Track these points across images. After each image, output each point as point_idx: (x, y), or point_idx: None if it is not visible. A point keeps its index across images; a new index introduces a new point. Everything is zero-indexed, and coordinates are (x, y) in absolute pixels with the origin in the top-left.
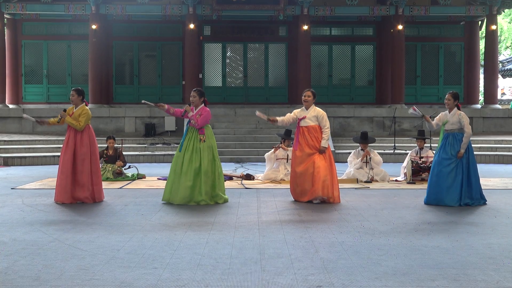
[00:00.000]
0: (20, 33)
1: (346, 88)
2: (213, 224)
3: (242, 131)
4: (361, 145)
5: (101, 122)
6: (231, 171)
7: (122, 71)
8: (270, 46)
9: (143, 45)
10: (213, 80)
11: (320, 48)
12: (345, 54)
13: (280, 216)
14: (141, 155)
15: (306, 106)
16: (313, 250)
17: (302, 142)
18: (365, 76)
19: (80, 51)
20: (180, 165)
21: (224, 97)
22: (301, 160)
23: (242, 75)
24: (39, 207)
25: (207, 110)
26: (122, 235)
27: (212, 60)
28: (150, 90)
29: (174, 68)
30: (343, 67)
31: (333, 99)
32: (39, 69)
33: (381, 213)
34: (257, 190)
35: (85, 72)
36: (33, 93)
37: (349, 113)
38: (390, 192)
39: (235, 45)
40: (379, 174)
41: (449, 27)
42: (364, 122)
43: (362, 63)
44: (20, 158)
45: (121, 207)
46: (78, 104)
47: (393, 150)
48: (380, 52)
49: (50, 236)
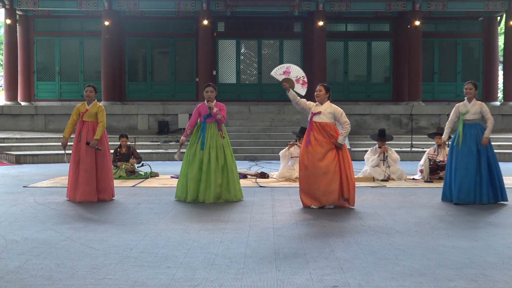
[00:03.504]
0: (32, 29)
1: (362, 85)
2: (227, 223)
3: (256, 128)
4: (379, 142)
5: (113, 119)
6: (245, 169)
7: (135, 68)
8: (285, 43)
9: (156, 41)
10: (227, 77)
11: (336, 44)
12: (361, 51)
13: (295, 215)
14: (154, 153)
15: (319, 101)
16: (328, 249)
17: (315, 138)
18: (382, 73)
19: (93, 48)
20: (207, 163)
21: (238, 94)
22: (313, 158)
23: (256, 72)
24: (51, 206)
25: (223, 104)
26: (135, 234)
27: (226, 57)
28: (164, 87)
29: (188, 65)
30: (359, 63)
31: (349, 96)
32: (51, 66)
33: (397, 212)
34: (272, 189)
35: (98, 69)
36: (45, 90)
37: (365, 111)
38: (407, 190)
39: (249, 42)
40: (396, 173)
41: (467, 23)
42: (381, 120)
43: (378, 59)
44: (32, 156)
45: (134, 206)
46: (92, 101)
47: (410, 148)
48: (397, 48)
49: (62, 235)
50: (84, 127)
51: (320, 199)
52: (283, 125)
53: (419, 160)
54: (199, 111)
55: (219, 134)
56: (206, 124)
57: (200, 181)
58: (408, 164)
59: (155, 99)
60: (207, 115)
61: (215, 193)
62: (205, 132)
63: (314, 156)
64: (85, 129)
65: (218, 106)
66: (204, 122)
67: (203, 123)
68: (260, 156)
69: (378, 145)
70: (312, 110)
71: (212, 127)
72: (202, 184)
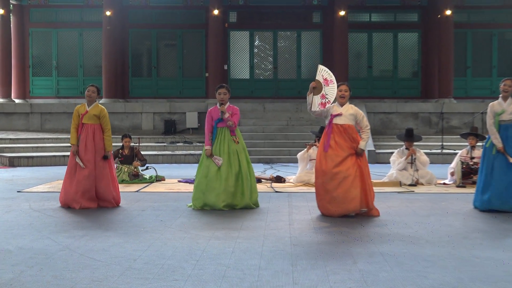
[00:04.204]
0: (27, 20)
1: (387, 80)
2: (240, 231)
3: (271, 128)
4: (406, 143)
5: (115, 118)
6: (260, 173)
7: (139, 62)
8: (303, 34)
9: (162, 33)
10: (239, 72)
11: (359, 36)
12: (386, 43)
13: (314, 223)
14: (160, 155)
15: (343, 102)
16: (351, 261)
17: (335, 142)
18: (409, 67)
19: (93, 40)
20: (218, 170)
21: (251, 91)
22: (332, 162)
23: (271, 66)
24: (47, 212)
25: (237, 108)
26: (139, 243)
27: (238, 50)
28: (170, 83)
29: (197, 59)
30: (385, 57)
31: (373, 93)
32: (48, 60)
33: (427, 220)
34: (289, 194)
35: (99, 63)
36: (42, 87)
37: (391, 109)
38: (437, 196)
39: (264, 33)
40: (425, 177)
41: (503, 12)
42: (408, 118)
43: (405, 52)
44: (27, 158)
45: (137, 213)
46: (93, 102)
47: (440, 150)
48: (426, 40)
49: (59, 244)
50: (84, 130)
51: (339, 208)
52: (301, 124)
53: (450, 163)
54: (211, 115)
55: (232, 139)
56: (217, 129)
57: (211, 188)
58: (438, 168)
59: (161, 96)
60: (218, 119)
61: (226, 202)
62: (215, 138)
63: (333, 160)
64: (84, 132)
65: (231, 110)
66: (215, 126)
67: (214, 128)
68: (276, 158)
69: (406, 146)
70: (331, 112)
71: (224, 132)
72: (214, 192)
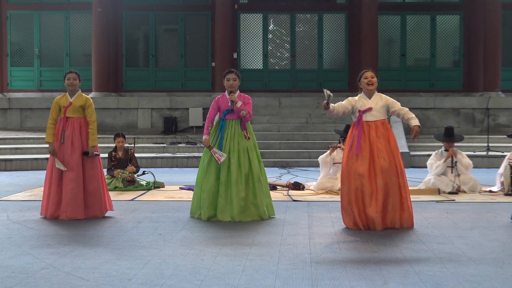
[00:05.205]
0: (4, 1)
1: (424, 71)
2: (252, 246)
3: (288, 126)
4: (445, 144)
5: (107, 115)
6: (275, 178)
7: (134, 50)
8: (325, 17)
9: (161, 16)
10: (251, 61)
11: (390, 19)
12: (423, 27)
13: (337, 236)
14: (158, 158)
15: (371, 91)
16: (381, 281)
17: (370, 142)
18: (449, 55)
19: (81, 25)
20: (226, 171)
21: (265, 83)
22: (363, 169)
23: (288, 55)
24: (28, 224)
25: (248, 97)
26: (134, 260)
27: (250, 36)
28: (170, 75)
29: (201, 46)
30: (420, 43)
31: (407, 86)
32: (29, 48)
33: (470, 234)
34: (308, 203)
35: (88, 51)
36: (22, 78)
37: (428, 104)
38: (483, 206)
39: (279, 16)
40: (468, 183)
41: None
42: (448, 115)
43: (445, 38)
44: (4, 161)
45: (133, 225)
46: (75, 92)
47: (486, 152)
48: (469, 23)
49: (42, 261)
50: (68, 125)
51: (372, 221)
52: (322, 122)
53: (497, 167)
54: (218, 104)
55: (243, 135)
56: (225, 121)
57: (217, 194)
58: (484, 172)
59: (159, 89)
60: (228, 110)
61: (237, 209)
62: (223, 132)
63: (365, 164)
64: (69, 127)
65: (242, 99)
66: (223, 119)
67: (222, 120)
68: (294, 161)
69: (445, 147)
70: (358, 107)
71: (234, 126)
72: (221, 198)
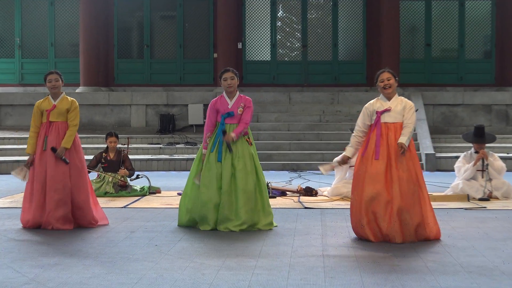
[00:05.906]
0: None
1: (451, 62)
2: (258, 259)
3: (299, 125)
4: (475, 145)
5: (97, 112)
6: (284, 183)
7: (127, 40)
8: (340, 3)
9: (157, 1)
10: (257, 52)
11: (414, 4)
12: (450, 14)
13: (354, 249)
14: (154, 160)
15: (388, 94)
16: None
17: (385, 147)
18: (480, 45)
19: (68, 11)
20: (229, 179)
21: (273, 77)
22: (379, 175)
23: (299, 45)
24: (9, 234)
25: (249, 99)
26: (126, 275)
27: (256, 24)
28: (168, 67)
29: (202, 35)
30: (447, 32)
31: (432, 79)
32: (9, 38)
33: (503, 246)
34: (322, 211)
35: (75, 41)
36: (1, 71)
37: (456, 100)
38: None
39: (289, 1)
40: (501, 188)
41: None
42: (478, 113)
43: (475, 26)
44: None
45: (125, 235)
46: (59, 94)
47: None
48: (502, 9)
49: (24, 275)
50: (52, 131)
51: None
52: (337, 120)
53: None
54: (215, 107)
55: (245, 140)
56: (225, 126)
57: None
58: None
59: (155, 83)
60: (227, 114)
61: (245, 219)
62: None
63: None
64: (53, 132)
65: (242, 101)
66: (222, 123)
67: (221, 124)
68: (305, 164)
69: (475, 149)
70: (376, 109)
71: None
72: (225, 209)
